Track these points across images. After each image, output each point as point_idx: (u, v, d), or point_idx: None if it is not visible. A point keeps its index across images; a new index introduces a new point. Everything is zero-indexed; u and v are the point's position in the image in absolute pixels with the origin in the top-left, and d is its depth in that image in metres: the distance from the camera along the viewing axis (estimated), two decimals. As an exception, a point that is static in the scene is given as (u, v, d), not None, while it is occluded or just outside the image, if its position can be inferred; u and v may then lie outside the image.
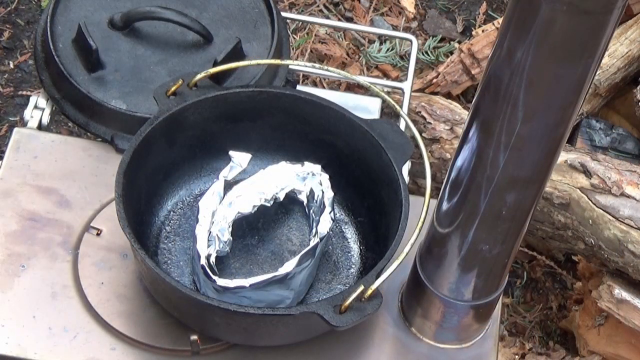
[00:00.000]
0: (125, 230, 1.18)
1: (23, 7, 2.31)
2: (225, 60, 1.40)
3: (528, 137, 1.00)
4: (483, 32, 2.14)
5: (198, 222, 1.24)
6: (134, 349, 1.26)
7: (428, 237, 1.21)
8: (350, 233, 1.36)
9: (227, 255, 1.28)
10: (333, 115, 1.32)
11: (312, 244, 1.23)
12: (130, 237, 1.17)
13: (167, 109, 1.28)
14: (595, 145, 2.03)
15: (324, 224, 1.25)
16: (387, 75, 2.29)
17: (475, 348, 1.31)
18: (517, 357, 1.94)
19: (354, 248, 1.35)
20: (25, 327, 1.27)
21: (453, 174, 1.10)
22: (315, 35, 2.34)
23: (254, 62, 1.38)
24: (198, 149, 1.35)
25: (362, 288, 1.13)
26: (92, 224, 1.35)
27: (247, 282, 1.19)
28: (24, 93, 2.18)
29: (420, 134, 1.75)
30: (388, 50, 2.32)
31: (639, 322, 1.76)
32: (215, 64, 1.41)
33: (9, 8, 2.30)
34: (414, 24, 2.42)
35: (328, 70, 1.44)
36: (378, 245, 1.28)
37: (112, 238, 1.33)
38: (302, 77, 2.18)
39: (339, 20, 2.37)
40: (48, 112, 1.47)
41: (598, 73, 1.95)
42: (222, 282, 1.19)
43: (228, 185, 1.30)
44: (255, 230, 1.33)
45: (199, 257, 1.21)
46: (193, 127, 1.32)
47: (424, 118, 1.90)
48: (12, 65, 2.23)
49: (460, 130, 1.84)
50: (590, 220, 1.73)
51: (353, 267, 1.33)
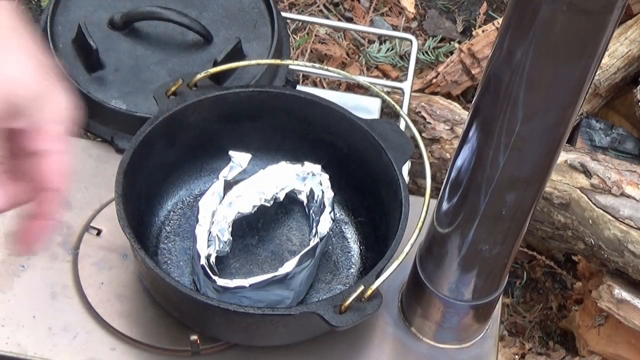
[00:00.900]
0: (125, 230, 1.18)
1: (23, 7, 2.31)
2: (225, 60, 1.40)
3: (528, 137, 1.00)
4: (483, 32, 2.14)
5: (198, 222, 1.24)
6: (134, 349, 1.26)
7: (428, 237, 1.21)
8: (350, 233, 1.36)
9: (227, 255, 1.28)
10: (333, 115, 1.32)
11: (312, 244, 1.23)
12: (130, 237, 1.17)
13: (167, 109, 1.28)
14: (595, 145, 2.03)
15: (324, 224, 1.25)
16: (387, 75, 2.29)
17: (475, 348, 1.31)
18: (517, 357, 1.94)
19: (354, 248, 1.35)
20: (25, 327, 1.27)
21: (453, 174, 1.10)
22: (315, 35, 2.34)
23: (254, 62, 1.38)
24: (198, 149, 1.35)
25: (362, 288, 1.13)
26: (92, 224, 1.35)
27: (247, 282, 1.19)
28: (24, 93, 2.18)
29: (420, 134, 1.75)
30: (388, 50, 2.32)
31: (639, 322, 1.76)
32: (215, 64, 1.41)
33: (9, 8, 2.30)
34: (414, 24, 2.42)
35: (328, 70, 1.44)
36: (378, 245, 1.28)
37: (112, 238, 1.33)
38: (302, 77, 2.19)
39: (339, 21, 2.37)
40: (48, 112, 1.47)
41: (598, 73, 1.95)
42: (222, 282, 1.19)
43: (228, 185, 1.30)
44: (255, 230, 1.33)
45: (199, 257, 1.21)
46: (193, 127, 1.32)
47: (424, 118, 1.90)
48: (12, 65, 2.22)
49: (460, 130, 1.83)
50: (590, 220, 1.73)
51: (353, 267, 1.33)
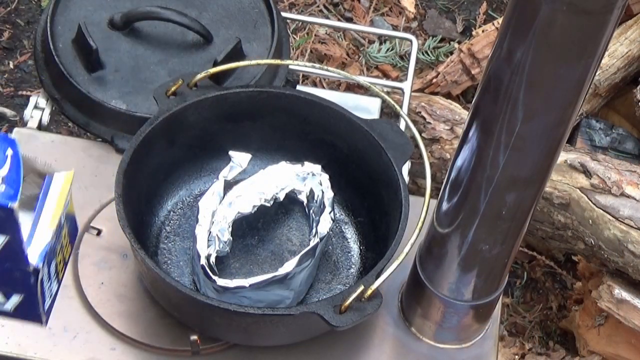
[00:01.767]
0: (125, 230, 1.18)
1: (23, 7, 2.31)
2: (225, 60, 1.40)
3: (528, 137, 1.00)
4: (483, 32, 2.14)
5: (198, 222, 1.24)
6: (134, 349, 1.26)
7: (428, 237, 1.21)
8: (350, 233, 1.36)
9: (227, 255, 1.28)
10: (333, 115, 1.32)
11: (312, 244, 1.23)
12: (130, 237, 1.17)
13: (167, 109, 1.28)
14: (595, 145, 2.03)
15: (324, 224, 1.25)
16: (387, 75, 2.29)
17: (475, 348, 1.31)
18: (517, 357, 1.94)
19: (354, 248, 1.35)
20: (25, 327, 1.27)
21: (453, 174, 1.10)
22: (315, 35, 2.34)
23: (254, 62, 1.38)
24: (198, 149, 1.35)
25: (362, 288, 1.13)
26: (92, 224, 1.35)
27: (247, 282, 1.19)
28: (24, 93, 2.18)
29: (420, 134, 1.75)
30: (388, 50, 2.32)
31: (639, 322, 1.76)
32: (215, 64, 1.41)
33: (9, 8, 2.30)
34: (414, 24, 2.42)
35: (328, 70, 1.44)
36: (378, 245, 1.28)
37: (112, 238, 1.33)
38: (302, 77, 2.18)
39: (339, 21, 2.37)
40: (48, 112, 1.47)
41: (598, 73, 1.95)
42: (222, 282, 1.19)
43: (228, 185, 1.30)
44: (255, 230, 1.33)
45: (199, 257, 1.21)
46: (193, 127, 1.32)
47: (424, 118, 1.90)
48: (12, 65, 2.23)
49: (460, 130, 1.83)
50: (590, 220, 1.73)
51: (353, 267, 1.33)
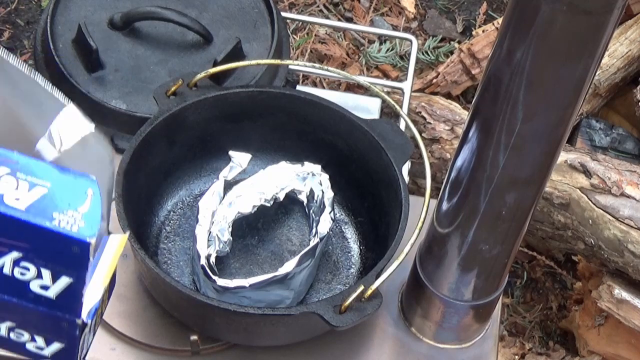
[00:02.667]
0: (125, 230, 1.18)
1: (23, 7, 2.31)
2: (225, 60, 1.40)
3: (528, 137, 1.00)
4: (483, 32, 2.14)
5: (198, 222, 1.24)
6: (134, 349, 1.26)
7: (428, 237, 1.21)
8: (350, 233, 1.36)
9: (227, 255, 1.28)
10: (333, 115, 1.32)
11: (312, 244, 1.23)
12: (130, 237, 1.17)
13: (167, 109, 1.28)
14: (595, 145, 2.03)
15: (324, 224, 1.25)
16: (387, 75, 2.29)
17: (475, 348, 1.31)
18: (517, 357, 1.94)
19: (354, 248, 1.35)
20: (25, 327, 1.27)
21: (453, 174, 1.10)
22: (315, 35, 2.34)
23: (254, 62, 1.38)
24: (198, 149, 1.35)
25: (362, 288, 1.13)
26: (92, 224, 1.35)
27: (247, 282, 1.19)
28: (24, 93, 2.18)
29: (420, 134, 1.75)
30: (388, 50, 2.32)
31: (639, 322, 1.76)
32: (215, 64, 1.41)
33: (9, 8, 2.30)
34: (414, 24, 2.42)
35: (328, 70, 1.44)
36: (378, 245, 1.28)
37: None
38: (302, 77, 2.18)
39: (339, 21, 2.37)
40: (48, 112, 1.47)
41: (598, 73, 1.95)
42: (222, 282, 1.19)
43: (228, 185, 1.30)
44: (255, 230, 1.33)
45: (199, 257, 1.21)
46: (193, 127, 1.32)
47: (424, 118, 1.90)
48: (12, 65, 2.22)
49: (460, 130, 1.83)
50: (590, 220, 1.73)
51: (353, 267, 1.33)
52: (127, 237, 0.85)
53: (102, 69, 1.43)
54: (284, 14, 1.57)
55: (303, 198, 1.32)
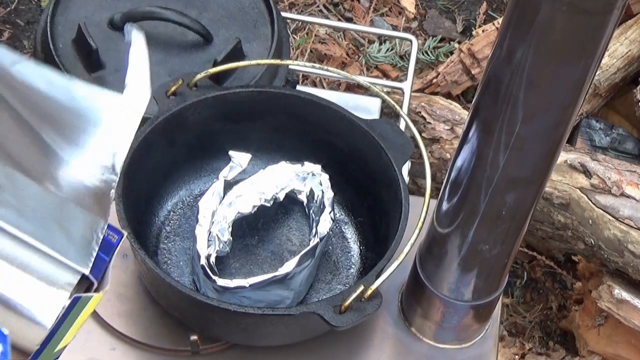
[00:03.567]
0: (125, 230, 1.18)
1: (23, 7, 2.31)
2: (225, 60, 1.40)
3: (528, 137, 1.00)
4: (483, 32, 2.14)
5: (198, 222, 1.24)
6: (134, 349, 1.26)
7: (428, 237, 1.21)
8: (350, 233, 1.36)
9: (227, 255, 1.28)
10: (333, 115, 1.32)
11: (312, 244, 1.23)
12: (130, 237, 1.17)
13: (167, 109, 1.28)
14: (595, 145, 2.03)
15: (324, 224, 1.25)
16: (387, 75, 2.29)
17: (475, 348, 1.31)
18: (517, 357, 1.94)
19: (354, 248, 1.35)
20: (25, 327, 1.27)
21: (453, 174, 1.10)
22: (315, 35, 2.34)
23: (254, 62, 1.38)
24: (198, 149, 1.35)
25: (362, 288, 1.13)
26: (92, 224, 1.35)
27: (247, 282, 1.19)
28: (24, 93, 2.18)
29: (420, 134, 1.75)
30: (388, 50, 2.32)
31: (639, 322, 1.76)
32: (215, 64, 1.41)
33: (9, 8, 2.30)
34: (414, 24, 2.42)
35: (328, 70, 1.44)
36: (378, 245, 1.28)
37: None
38: (302, 77, 2.18)
39: (339, 21, 2.37)
40: (48, 112, 1.47)
41: (598, 73, 1.95)
42: (222, 282, 1.19)
43: (228, 185, 1.30)
44: (255, 230, 1.33)
45: (199, 257, 1.21)
46: (193, 127, 1.32)
47: (424, 118, 1.90)
48: (12, 66, 2.22)
49: (460, 130, 1.84)
50: (590, 220, 1.73)
51: (353, 267, 1.33)
52: (100, 296, 0.82)
53: (102, 69, 1.43)
54: (284, 14, 1.57)
55: (303, 198, 1.32)
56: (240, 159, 1.33)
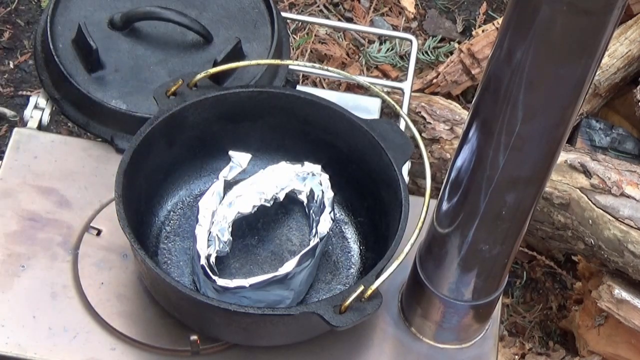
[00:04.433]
0: (125, 230, 1.18)
1: (23, 7, 2.31)
2: (225, 60, 1.40)
3: (528, 137, 1.00)
4: (483, 32, 2.14)
5: (198, 222, 1.24)
6: (134, 349, 1.26)
7: (428, 237, 1.21)
8: (350, 233, 1.36)
9: (227, 255, 1.28)
10: (333, 115, 1.32)
11: (312, 244, 1.23)
12: (130, 237, 1.17)
13: (167, 109, 1.28)
14: (595, 145, 2.03)
15: (324, 224, 1.25)
16: (387, 75, 2.29)
17: (475, 348, 1.31)
18: (517, 357, 1.94)
19: (354, 248, 1.35)
20: (25, 327, 1.27)
21: (453, 174, 1.10)
22: (315, 36, 2.34)
23: (254, 62, 1.38)
24: (198, 149, 1.35)
25: (362, 288, 1.13)
26: (92, 224, 1.35)
27: (247, 282, 1.19)
28: (24, 93, 2.18)
29: (420, 134, 1.75)
30: (388, 51, 2.32)
31: (639, 322, 1.76)
32: (215, 64, 1.41)
33: (9, 8, 2.30)
34: (414, 24, 2.42)
35: (328, 70, 1.44)
36: (378, 245, 1.28)
37: (112, 238, 1.33)
38: (302, 77, 2.18)
39: (339, 20, 2.37)
40: (48, 112, 1.47)
41: (598, 73, 1.95)
42: (222, 282, 1.19)
43: (228, 185, 1.30)
44: (255, 230, 1.33)
45: (199, 257, 1.21)
46: (193, 127, 1.32)
47: (424, 118, 1.90)
48: (12, 65, 2.23)
49: (460, 130, 1.84)
50: (590, 220, 1.73)
51: (353, 267, 1.33)
52: None
53: (102, 69, 1.43)
54: (284, 14, 1.57)
55: (303, 198, 1.32)
56: (240, 159, 1.33)
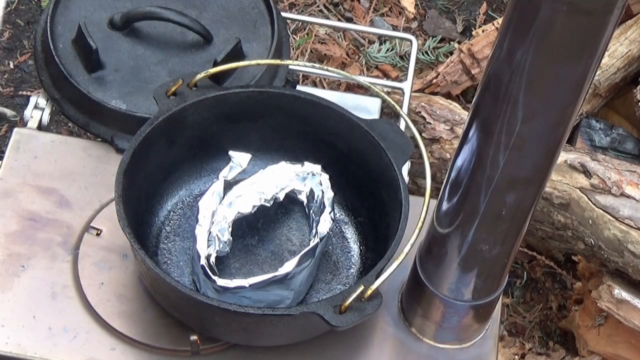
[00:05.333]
0: (125, 230, 1.18)
1: (23, 7, 2.31)
2: (225, 60, 1.40)
3: (528, 137, 1.00)
4: (483, 32, 2.14)
5: (198, 222, 1.24)
6: (134, 349, 1.26)
7: (428, 237, 1.21)
8: (350, 233, 1.36)
9: (227, 255, 1.28)
10: (333, 115, 1.32)
11: (312, 244, 1.23)
12: (130, 237, 1.17)
13: (167, 109, 1.28)
14: (595, 146, 2.03)
15: (324, 224, 1.25)
16: (387, 76, 2.29)
17: (475, 348, 1.31)
18: (516, 357, 1.94)
19: (354, 248, 1.35)
20: (25, 327, 1.27)
21: (453, 174, 1.10)
22: (315, 36, 2.34)
23: (254, 62, 1.38)
24: (198, 149, 1.35)
25: (362, 288, 1.13)
26: (92, 224, 1.35)
27: (247, 282, 1.19)
28: (24, 93, 2.18)
29: (420, 134, 1.75)
30: (388, 51, 2.32)
31: (639, 322, 1.76)
32: (215, 64, 1.41)
33: (9, 8, 2.30)
34: (414, 24, 2.42)
35: (328, 70, 1.44)
36: (378, 245, 1.28)
37: (112, 238, 1.33)
38: (302, 77, 2.18)
39: (339, 21, 2.37)
40: (48, 112, 1.47)
41: (598, 73, 1.95)
42: (222, 282, 1.19)
43: (228, 185, 1.30)
44: (255, 230, 1.33)
45: (199, 257, 1.21)
46: (193, 127, 1.32)
47: (424, 118, 1.90)
48: (12, 65, 2.23)
49: (460, 130, 1.84)
50: (590, 220, 1.73)
51: (353, 267, 1.33)
52: None
53: (102, 69, 1.43)
54: (284, 14, 1.57)
55: (303, 198, 1.32)
56: (240, 159, 1.33)
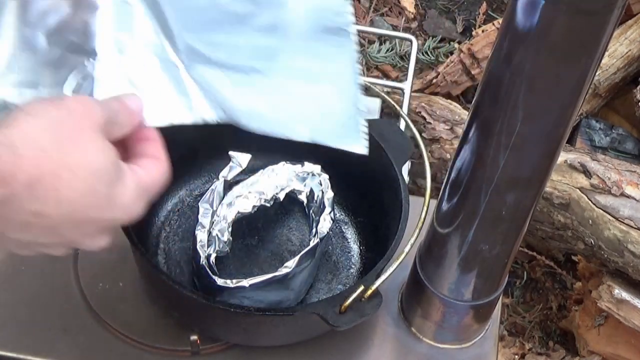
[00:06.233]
0: (125, 230, 1.18)
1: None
2: (225, 60, 1.40)
3: (528, 137, 1.00)
4: (483, 32, 2.14)
5: (198, 222, 1.24)
6: (134, 349, 1.26)
7: (428, 237, 1.21)
8: (350, 233, 1.36)
9: (227, 256, 1.28)
10: (333, 115, 1.32)
11: (312, 244, 1.23)
12: (130, 237, 1.17)
13: (167, 109, 1.28)
14: (595, 146, 2.03)
15: (324, 224, 1.25)
16: (387, 76, 2.29)
17: (475, 348, 1.31)
18: (516, 357, 1.94)
19: (354, 248, 1.35)
20: (25, 327, 1.27)
21: (453, 174, 1.10)
22: (315, 35, 2.34)
23: (254, 62, 1.37)
24: (198, 149, 1.35)
25: (362, 288, 1.13)
26: (92, 224, 1.35)
27: (247, 282, 1.19)
28: (24, 93, 2.18)
29: (420, 134, 1.75)
30: (388, 51, 2.32)
31: (639, 322, 1.76)
32: (215, 64, 1.40)
33: (9, 8, 2.30)
34: (414, 24, 2.42)
35: (328, 70, 1.44)
36: (378, 245, 1.28)
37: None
38: (302, 77, 2.18)
39: (339, 20, 2.37)
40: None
41: (598, 73, 1.95)
42: (222, 282, 1.19)
43: (228, 185, 1.30)
44: (255, 230, 1.33)
45: (199, 257, 1.21)
46: (193, 127, 1.32)
47: (424, 118, 1.90)
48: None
49: (460, 130, 1.84)
50: (590, 220, 1.73)
51: (353, 267, 1.33)
52: None
53: (102, 69, 1.43)
54: (284, 14, 1.56)
55: (303, 198, 1.32)
56: (240, 159, 1.32)
